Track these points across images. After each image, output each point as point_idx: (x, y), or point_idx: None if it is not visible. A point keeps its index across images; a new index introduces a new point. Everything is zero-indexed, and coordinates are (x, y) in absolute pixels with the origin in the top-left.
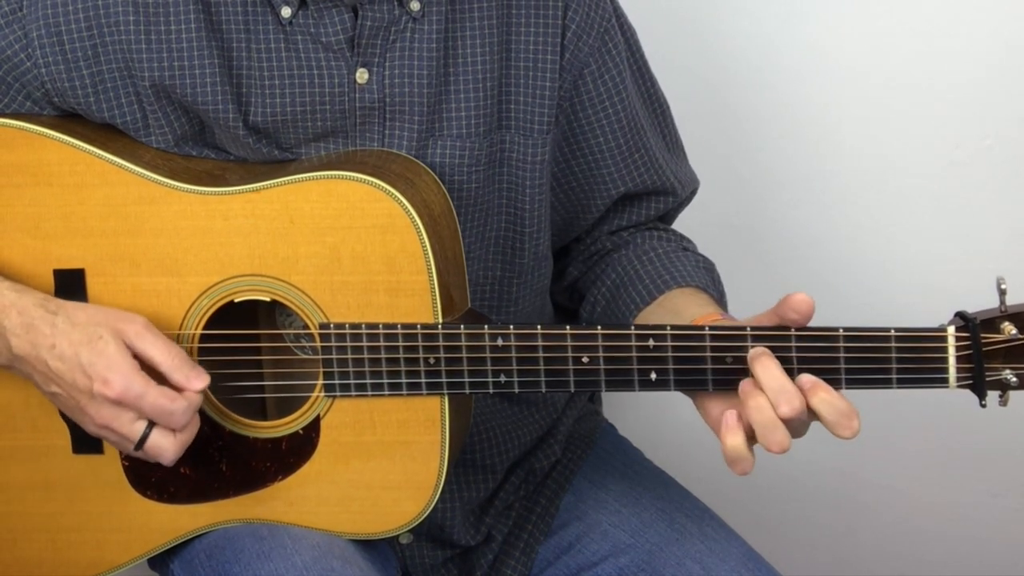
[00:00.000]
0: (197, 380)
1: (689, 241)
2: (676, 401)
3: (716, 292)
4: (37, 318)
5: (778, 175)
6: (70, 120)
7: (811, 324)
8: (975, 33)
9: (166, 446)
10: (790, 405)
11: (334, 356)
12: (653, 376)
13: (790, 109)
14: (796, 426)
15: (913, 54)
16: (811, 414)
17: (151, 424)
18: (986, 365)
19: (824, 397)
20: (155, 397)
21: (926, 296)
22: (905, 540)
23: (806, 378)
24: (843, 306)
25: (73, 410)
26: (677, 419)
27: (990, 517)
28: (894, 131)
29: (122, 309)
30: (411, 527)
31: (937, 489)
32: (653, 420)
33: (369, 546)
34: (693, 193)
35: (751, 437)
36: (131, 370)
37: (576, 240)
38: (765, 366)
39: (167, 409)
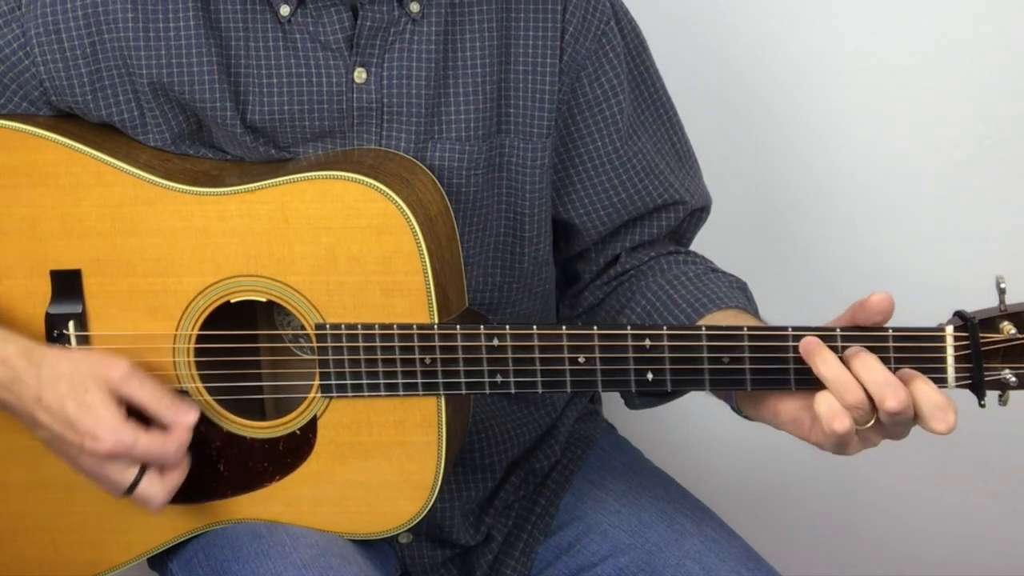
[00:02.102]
0: (187, 414)
1: (712, 262)
2: (676, 402)
3: (753, 310)
4: (21, 370)
5: (777, 176)
6: (66, 121)
7: (808, 325)
8: (975, 33)
9: (154, 493)
10: (896, 398)
11: (330, 356)
12: (650, 376)
13: (788, 110)
14: (900, 421)
15: (913, 54)
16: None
17: (142, 470)
18: (985, 365)
19: (921, 387)
20: (146, 444)
21: (925, 296)
22: (905, 540)
23: (904, 371)
24: (841, 306)
25: (63, 456)
26: (677, 419)
27: (990, 517)
28: (894, 132)
29: (106, 353)
30: (409, 527)
31: (937, 489)
32: (653, 420)
33: (368, 545)
34: (705, 210)
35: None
36: (118, 423)
37: (582, 259)
38: (865, 362)
39: (158, 453)
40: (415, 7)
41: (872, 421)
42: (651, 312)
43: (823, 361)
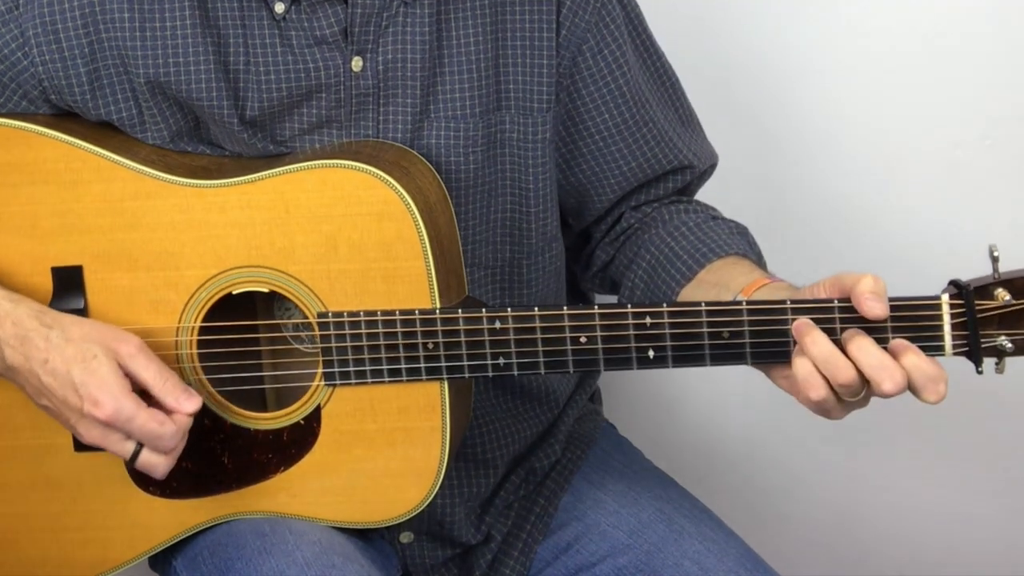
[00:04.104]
0: (188, 403)
1: (715, 209)
2: (676, 402)
3: (755, 255)
4: (32, 330)
5: (777, 174)
6: (66, 118)
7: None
8: (975, 33)
9: (156, 462)
10: (893, 381)
11: (333, 344)
12: (651, 354)
13: (790, 107)
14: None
15: (913, 53)
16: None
17: (141, 444)
18: (981, 332)
19: (913, 359)
20: (144, 420)
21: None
22: (905, 540)
23: (898, 342)
24: None
25: (64, 424)
26: (677, 419)
27: (990, 517)
28: (894, 131)
29: (119, 326)
30: (414, 514)
31: (937, 489)
32: (653, 420)
33: (370, 544)
34: (712, 167)
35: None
36: (122, 392)
37: (596, 221)
38: (860, 345)
39: (156, 433)
40: None
41: (862, 395)
42: (655, 266)
43: (812, 341)
